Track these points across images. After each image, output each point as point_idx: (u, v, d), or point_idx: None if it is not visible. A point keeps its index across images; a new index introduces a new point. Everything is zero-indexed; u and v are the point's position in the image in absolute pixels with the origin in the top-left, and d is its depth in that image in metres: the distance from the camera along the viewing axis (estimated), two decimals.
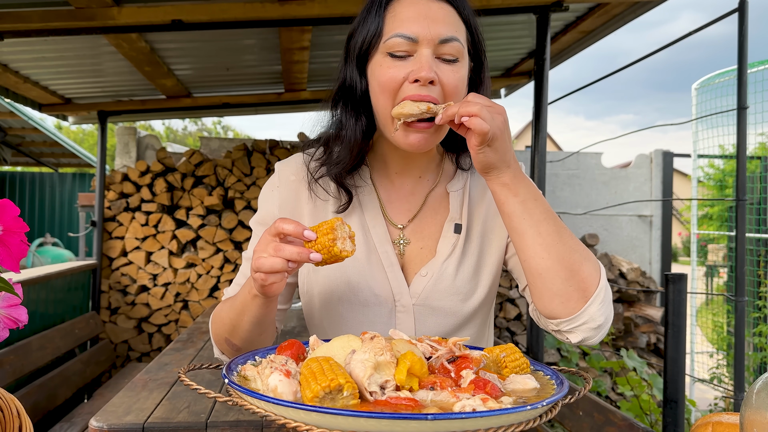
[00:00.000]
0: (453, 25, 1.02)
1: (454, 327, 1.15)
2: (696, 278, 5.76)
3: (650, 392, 3.50)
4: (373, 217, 1.16)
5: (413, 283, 1.13)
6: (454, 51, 1.01)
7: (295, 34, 3.44)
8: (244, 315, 1.03)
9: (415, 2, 1.02)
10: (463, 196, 1.19)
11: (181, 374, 0.86)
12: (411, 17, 1.00)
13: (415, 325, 1.13)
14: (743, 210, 2.59)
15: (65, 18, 2.96)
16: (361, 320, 1.13)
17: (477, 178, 1.22)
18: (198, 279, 5.25)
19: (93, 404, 3.83)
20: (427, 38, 0.99)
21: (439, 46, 1.00)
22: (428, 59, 0.99)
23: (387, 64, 1.02)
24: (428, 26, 0.99)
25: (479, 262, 1.16)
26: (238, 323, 1.05)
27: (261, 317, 1.03)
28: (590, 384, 0.87)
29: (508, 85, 5.24)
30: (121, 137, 5.67)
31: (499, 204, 1.00)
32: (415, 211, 1.18)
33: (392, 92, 1.01)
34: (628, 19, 3.44)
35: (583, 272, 0.98)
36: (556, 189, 6.02)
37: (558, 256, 0.97)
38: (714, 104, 5.02)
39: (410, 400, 0.72)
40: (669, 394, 1.94)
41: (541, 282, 0.99)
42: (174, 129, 27.13)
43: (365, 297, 1.12)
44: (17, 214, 0.78)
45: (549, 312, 1.01)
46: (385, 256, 1.14)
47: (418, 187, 1.20)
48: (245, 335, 1.06)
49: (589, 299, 0.98)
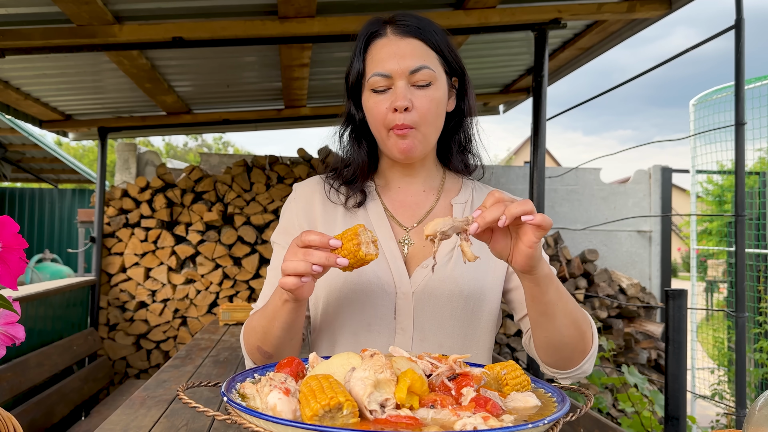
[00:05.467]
0: (421, 56, 1.17)
1: (450, 316, 1.19)
2: (696, 294, 5.74)
3: (651, 409, 3.47)
4: (378, 218, 1.26)
5: (414, 274, 1.21)
6: (425, 77, 1.16)
7: (295, 52, 3.46)
8: (275, 321, 1.10)
9: (386, 44, 1.18)
10: (465, 207, 1.29)
11: (180, 392, 0.85)
12: (384, 57, 1.17)
13: (414, 313, 1.19)
14: (743, 226, 2.58)
15: (66, 35, 2.99)
16: (365, 302, 1.20)
17: (480, 195, 1.32)
18: (197, 295, 5.23)
19: (91, 422, 3.80)
20: (398, 72, 1.15)
21: (411, 76, 1.16)
22: (402, 90, 1.15)
23: (372, 99, 1.19)
24: (398, 62, 1.15)
25: (478, 266, 1.22)
26: (269, 330, 1.12)
27: (291, 322, 1.09)
28: (591, 401, 0.86)
29: (507, 101, 5.27)
30: (121, 153, 5.68)
31: (538, 296, 1.03)
32: (420, 218, 1.27)
33: (381, 120, 1.17)
34: (626, 36, 3.47)
35: (587, 335, 1.12)
36: (555, 204, 6.02)
37: (575, 329, 1.09)
38: (712, 120, 5.03)
39: (411, 419, 0.71)
40: (670, 410, 1.93)
41: (554, 349, 1.11)
42: (174, 145, 27.21)
43: (368, 280, 1.19)
44: (17, 230, 0.78)
45: (550, 364, 1.15)
46: (389, 250, 1.22)
47: (423, 200, 1.29)
48: (276, 341, 1.13)
49: (587, 356, 1.13)
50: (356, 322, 1.20)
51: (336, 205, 1.29)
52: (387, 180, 1.32)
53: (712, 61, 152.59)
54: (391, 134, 1.17)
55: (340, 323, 1.22)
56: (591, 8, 3.00)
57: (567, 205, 6.08)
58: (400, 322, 1.19)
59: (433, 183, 1.31)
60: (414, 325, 1.19)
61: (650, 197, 6.21)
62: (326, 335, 1.25)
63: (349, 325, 1.21)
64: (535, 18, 3.05)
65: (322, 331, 1.27)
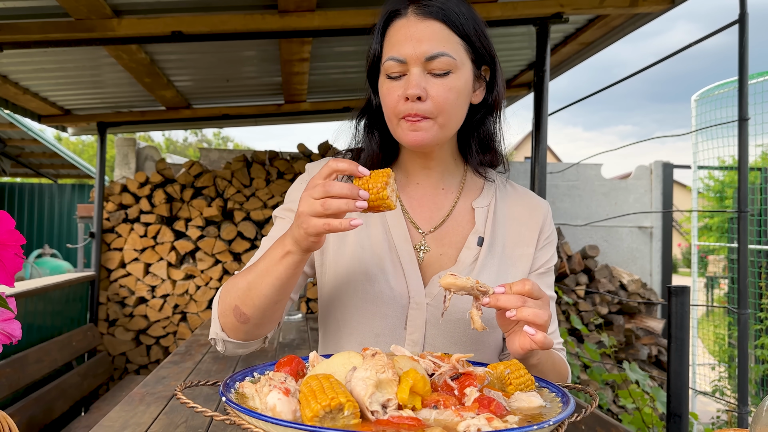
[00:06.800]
0: (440, 40, 1.07)
1: (463, 334, 1.15)
2: (696, 290, 5.73)
3: (652, 405, 3.47)
4: (394, 217, 1.20)
5: (430, 284, 1.15)
6: (443, 65, 1.06)
7: (295, 46, 3.44)
8: (267, 277, 1.02)
9: (404, 25, 1.09)
10: (488, 212, 1.22)
11: (178, 392, 0.84)
12: (400, 40, 1.08)
13: (426, 325, 1.14)
14: (745, 222, 2.57)
15: (65, 29, 2.96)
16: (374, 312, 1.14)
17: (503, 198, 1.26)
18: (197, 291, 5.22)
19: (90, 418, 3.79)
20: (413, 58, 1.06)
21: (427, 63, 1.06)
22: (416, 78, 1.06)
23: (386, 85, 1.10)
24: (414, 47, 1.06)
25: (497, 280, 1.17)
26: (255, 286, 1.03)
27: (285, 279, 1.02)
28: (597, 402, 0.85)
29: (508, 96, 5.21)
30: (121, 148, 5.66)
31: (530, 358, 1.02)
32: (438, 222, 1.21)
33: (392, 108, 1.09)
34: (628, 31, 3.45)
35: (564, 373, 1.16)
36: (556, 200, 6.01)
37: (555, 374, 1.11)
38: (713, 115, 5.01)
39: (413, 420, 0.70)
40: (672, 407, 1.92)
41: None
42: (174, 140, 27.19)
43: (380, 289, 1.14)
44: (13, 226, 0.76)
45: None
46: (405, 254, 1.16)
47: (441, 199, 1.22)
48: (259, 301, 1.04)
49: None
50: (364, 331, 1.15)
51: None
52: (407, 172, 1.23)
53: (714, 56, 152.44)
54: (401, 123, 1.09)
55: (348, 331, 1.17)
56: (593, 2, 2.98)
57: (568, 201, 6.07)
58: (411, 334, 1.14)
59: (453, 179, 1.24)
60: (425, 339, 1.14)
61: (651, 193, 6.20)
62: (332, 341, 1.21)
63: (357, 333, 1.16)
64: (536, 12, 3.03)
65: (328, 336, 1.23)
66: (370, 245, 1.18)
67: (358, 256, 1.16)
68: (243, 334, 1.09)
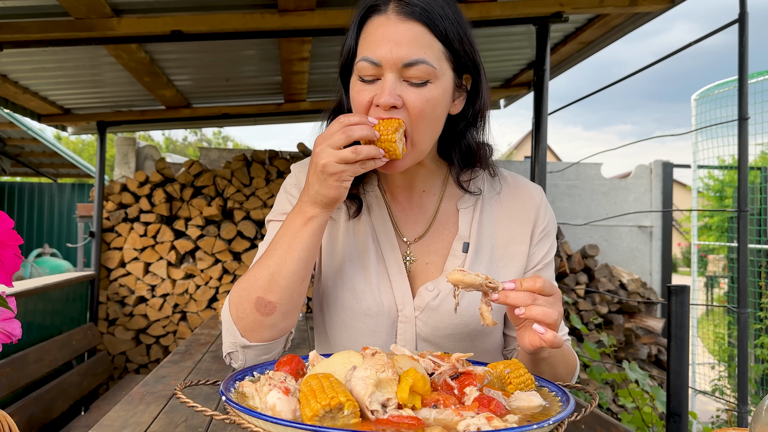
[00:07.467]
0: (421, 46, 0.98)
1: (454, 350, 1.13)
2: (696, 289, 5.73)
3: (652, 404, 3.47)
4: (382, 224, 1.16)
5: (418, 296, 1.12)
6: (421, 74, 0.98)
7: (294, 45, 3.43)
8: (291, 252, 1.00)
9: (383, 23, 1.00)
10: (473, 213, 1.17)
11: (178, 391, 0.84)
12: (377, 40, 0.99)
13: (416, 338, 1.12)
14: (745, 221, 2.57)
15: (65, 29, 2.96)
16: (363, 329, 1.12)
17: (492, 195, 1.19)
18: (196, 290, 5.22)
19: (90, 417, 3.79)
20: (389, 62, 0.97)
21: (404, 69, 0.98)
22: (390, 85, 0.97)
23: (357, 87, 1.02)
24: (391, 50, 0.97)
25: None
26: (281, 267, 1.00)
27: (312, 248, 1.01)
28: (596, 401, 0.85)
29: (508, 95, 5.24)
30: (121, 148, 5.66)
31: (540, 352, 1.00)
32: (424, 227, 1.17)
33: (361, 112, 1.02)
34: (628, 30, 3.45)
35: (573, 365, 1.12)
36: (556, 199, 6.01)
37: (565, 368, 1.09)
38: (713, 115, 5.01)
39: (413, 419, 0.70)
40: (672, 407, 1.92)
41: None
42: (174, 139, 27.19)
43: (368, 306, 1.11)
44: (11, 226, 0.76)
45: None
46: (393, 264, 1.13)
47: (425, 201, 1.18)
48: (286, 281, 1.00)
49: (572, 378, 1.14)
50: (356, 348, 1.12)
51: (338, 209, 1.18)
52: (386, 175, 1.18)
53: (713, 55, 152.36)
54: None
55: (338, 349, 1.14)
56: (593, 2, 2.97)
57: (568, 200, 6.07)
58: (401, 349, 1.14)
59: (435, 180, 1.18)
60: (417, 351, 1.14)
61: (651, 192, 6.20)
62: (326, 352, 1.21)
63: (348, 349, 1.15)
64: (536, 11, 3.03)
65: (321, 349, 1.23)
66: (358, 258, 1.14)
67: (346, 270, 1.14)
68: (268, 330, 1.03)
